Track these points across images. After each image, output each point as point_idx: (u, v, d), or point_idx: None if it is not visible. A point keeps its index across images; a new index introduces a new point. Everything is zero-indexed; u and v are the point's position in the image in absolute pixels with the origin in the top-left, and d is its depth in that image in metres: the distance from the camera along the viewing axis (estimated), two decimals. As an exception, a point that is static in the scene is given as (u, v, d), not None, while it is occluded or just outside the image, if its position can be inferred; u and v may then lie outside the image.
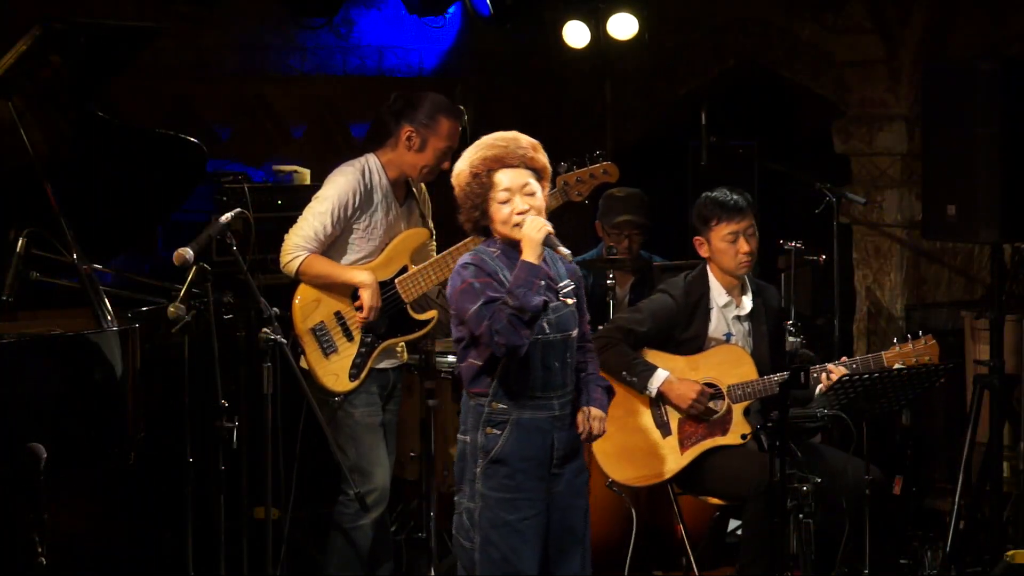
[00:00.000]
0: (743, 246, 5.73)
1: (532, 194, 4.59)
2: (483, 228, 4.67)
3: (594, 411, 4.73)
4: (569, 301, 4.67)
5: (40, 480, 4.81)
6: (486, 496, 4.59)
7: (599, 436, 4.75)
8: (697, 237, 5.81)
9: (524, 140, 4.64)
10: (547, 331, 4.58)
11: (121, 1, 6.77)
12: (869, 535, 5.76)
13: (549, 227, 4.56)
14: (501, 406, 4.58)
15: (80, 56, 5.19)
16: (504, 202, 4.57)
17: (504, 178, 4.58)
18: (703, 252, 5.80)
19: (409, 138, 5.67)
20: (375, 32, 7.96)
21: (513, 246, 4.60)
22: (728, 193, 5.78)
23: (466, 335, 4.61)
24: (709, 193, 5.82)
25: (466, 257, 4.64)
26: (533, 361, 4.57)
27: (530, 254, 4.52)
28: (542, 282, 4.55)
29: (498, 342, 4.45)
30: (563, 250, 4.57)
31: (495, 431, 4.58)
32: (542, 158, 4.65)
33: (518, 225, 4.56)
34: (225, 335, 5.30)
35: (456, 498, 4.70)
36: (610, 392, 4.83)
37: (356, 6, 7.85)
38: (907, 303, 7.48)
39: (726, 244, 5.73)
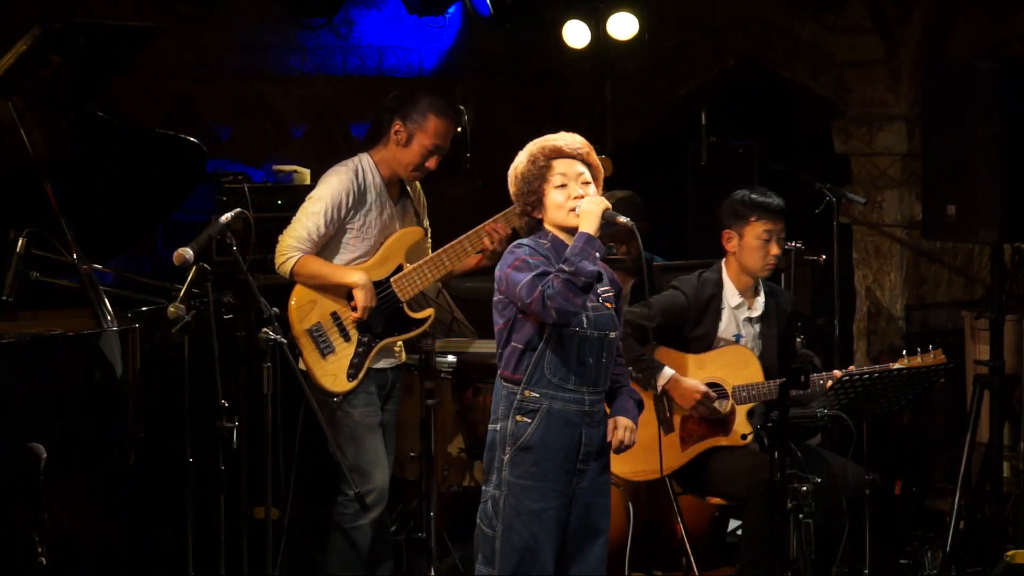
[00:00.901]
0: (774, 248, 5.74)
1: (587, 183, 4.67)
2: (536, 223, 4.70)
3: (623, 420, 4.75)
4: (608, 305, 4.71)
5: (40, 480, 4.81)
6: (512, 483, 4.62)
7: (629, 447, 4.76)
8: (727, 231, 5.79)
9: (580, 139, 4.75)
10: (584, 326, 4.62)
11: (121, 1, 6.77)
12: (869, 535, 5.76)
13: (607, 203, 4.63)
14: (533, 395, 4.62)
15: (80, 56, 5.19)
16: (560, 186, 4.65)
17: (561, 165, 4.67)
18: (730, 247, 5.79)
19: (397, 132, 5.67)
20: (375, 32, 7.96)
21: (563, 244, 4.64)
22: (770, 194, 5.79)
23: (510, 316, 4.64)
24: (748, 191, 5.81)
25: (520, 240, 4.70)
26: (569, 353, 4.61)
27: (588, 226, 4.58)
28: (597, 253, 4.60)
29: (550, 306, 4.48)
30: (622, 219, 4.63)
31: (525, 419, 4.62)
32: (596, 160, 4.75)
33: (573, 210, 4.62)
34: (225, 335, 5.30)
35: (483, 487, 4.73)
36: (640, 405, 4.85)
37: (356, 6, 7.85)
38: (907, 303, 7.48)
39: (759, 243, 5.74)
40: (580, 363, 4.63)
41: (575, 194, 4.63)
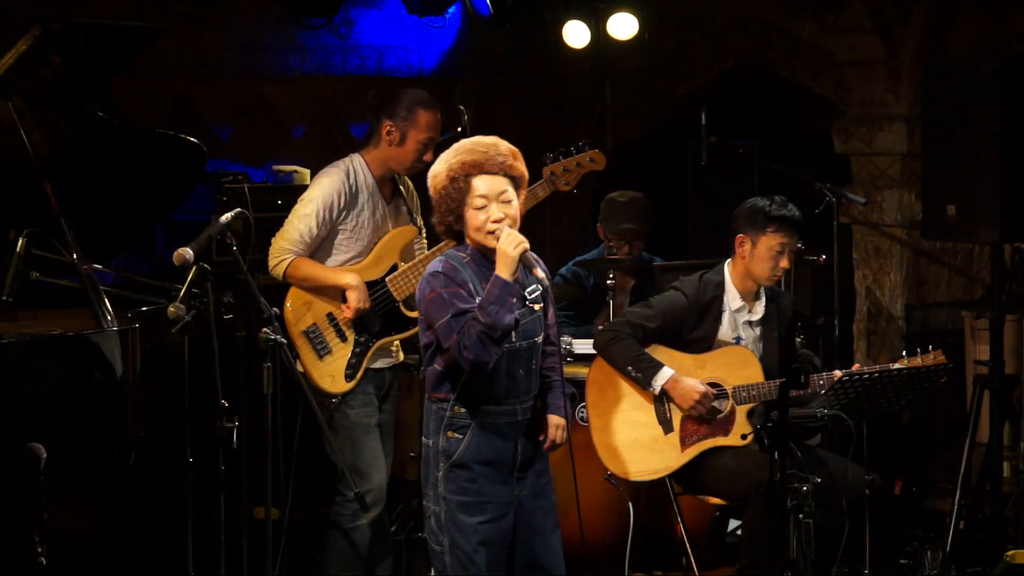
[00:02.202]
0: (784, 261, 5.72)
1: (508, 202, 4.55)
2: (456, 232, 4.64)
3: (556, 419, 4.70)
4: (536, 307, 4.65)
5: (40, 480, 4.81)
6: (448, 500, 4.61)
7: (561, 445, 4.71)
8: (742, 235, 5.77)
9: (504, 147, 4.60)
10: (514, 339, 4.57)
11: (121, 1, 6.77)
12: (869, 535, 5.76)
13: (526, 244, 4.51)
14: (463, 410, 4.58)
15: (80, 56, 5.18)
16: (480, 208, 4.53)
17: (482, 184, 4.54)
18: (742, 251, 5.76)
19: (389, 132, 5.68)
20: (375, 32, 7.96)
21: (484, 253, 4.58)
22: (791, 206, 5.75)
23: (433, 340, 4.60)
24: (770, 200, 5.76)
25: (436, 264, 4.59)
26: (499, 369, 4.56)
27: (504, 270, 4.47)
28: (515, 299, 4.52)
29: (466, 356, 4.43)
30: (539, 272, 4.55)
31: (456, 435, 4.59)
32: (520, 166, 4.62)
33: (492, 233, 4.52)
34: (225, 335, 5.29)
35: (424, 502, 4.71)
36: (574, 399, 4.81)
37: (356, 6, 7.85)
38: (907, 303, 7.48)
39: (772, 254, 5.71)
40: (510, 377, 4.60)
41: (495, 216, 4.52)
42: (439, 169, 4.59)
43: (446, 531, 4.60)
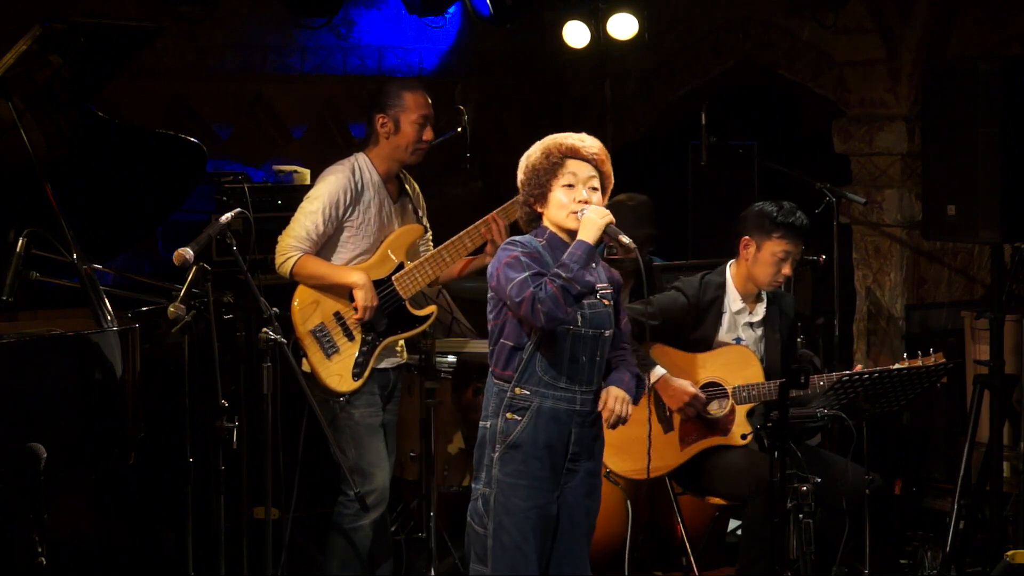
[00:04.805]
0: (786, 268, 5.72)
1: (595, 189, 4.65)
2: (536, 216, 4.69)
3: (616, 390, 4.67)
4: (606, 303, 4.70)
5: (40, 480, 4.81)
6: (501, 481, 4.62)
7: (622, 420, 4.66)
8: (747, 238, 5.78)
9: (599, 145, 4.73)
10: (579, 324, 4.61)
11: (121, 1, 6.78)
12: (869, 535, 5.76)
13: (611, 217, 4.59)
14: (524, 392, 4.61)
15: (80, 56, 5.19)
16: (567, 186, 4.62)
17: (573, 166, 4.64)
18: (746, 254, 5.77)
19: (383, 125, 5.70)
20: (375, 32, 7.96)
21: (560, 241, 4.64)
22: (799, 214, 5.74)
23: (502, 313, 4.63)
24: (779, 206, 5.77)
25: (515, 237, 4.68)
26: (562, 351, 4.60)
27: (588, 235, 4.56)
28: (595, 265, 4.60)
29: (539, 310, 4.46)
30: (624, 239, 4.58)
31: (515, 417, 4.61)
32: (609, 167, 4.71)
33: (575, 213, 4.60)
34: (225, 335, 5.30)
35: (472, 485, 4.72)
36: (640, 381, 4.80)
37: (356, 6, 7.85)
38: (907, 303, 7.47)
39: (774, 260, 5.71)
40: (572, 361, 4.62)
41: (580, 198, 4.61)
42: (535, 149, 4.69)
43: (493, 514, 4.62)
